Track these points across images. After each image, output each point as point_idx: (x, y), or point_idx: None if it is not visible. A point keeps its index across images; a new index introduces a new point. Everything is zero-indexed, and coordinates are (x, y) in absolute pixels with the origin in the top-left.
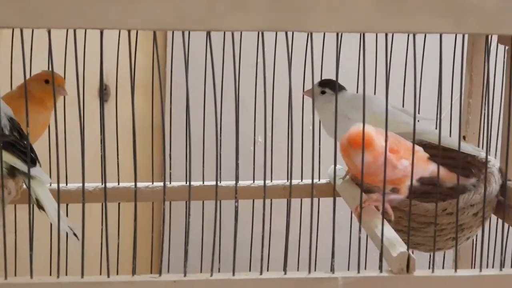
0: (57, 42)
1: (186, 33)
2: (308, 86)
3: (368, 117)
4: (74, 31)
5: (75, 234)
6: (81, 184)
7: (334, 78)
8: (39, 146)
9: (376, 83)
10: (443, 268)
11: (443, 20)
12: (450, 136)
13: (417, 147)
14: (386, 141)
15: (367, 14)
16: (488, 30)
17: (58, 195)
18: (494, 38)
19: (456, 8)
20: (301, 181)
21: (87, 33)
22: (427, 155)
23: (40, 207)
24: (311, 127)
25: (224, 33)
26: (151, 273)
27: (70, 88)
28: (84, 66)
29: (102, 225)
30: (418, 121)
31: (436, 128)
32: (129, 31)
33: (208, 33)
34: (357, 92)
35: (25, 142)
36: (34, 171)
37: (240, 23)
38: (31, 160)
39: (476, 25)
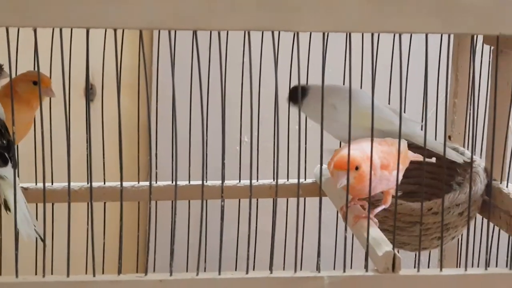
0: (43, 41)
1: (172, 32)
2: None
3: (353, 110)
4: (60, 30)
5: (41, 239)
6: (66, 184)
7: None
8: (25, 146)
9: (362, 82)
10: (428, 267)
11: (430, 20)
12: (435, 137)
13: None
14: (372, 141)
15: (355, 14)
16: (475, 30)
17: (44, 194)
18: (480, 38)
19: (443, 8)
20: (287, 180)
21: (73, 32)
22: (407, 149)
23: (8, 208)
24: (297, 127)
25: (211, 32)
26: (137, 272)
27: (55, 87)
28: (70, 65)
29: (87, 224)
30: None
31: (421, 129)
32: (115, 30)
33: (194, 32)
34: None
35: (4, 141)
36: (4, 171)
37: (229, 23)
38: (3, 159)
39: (463, 25)
